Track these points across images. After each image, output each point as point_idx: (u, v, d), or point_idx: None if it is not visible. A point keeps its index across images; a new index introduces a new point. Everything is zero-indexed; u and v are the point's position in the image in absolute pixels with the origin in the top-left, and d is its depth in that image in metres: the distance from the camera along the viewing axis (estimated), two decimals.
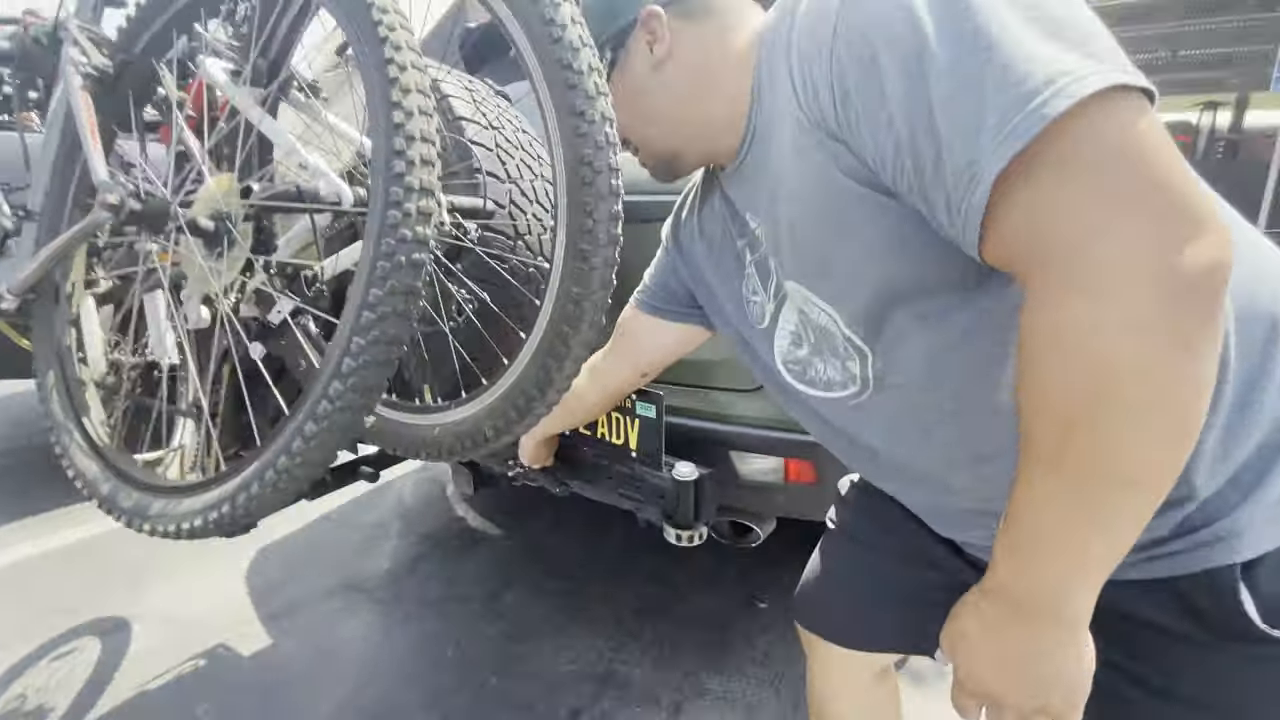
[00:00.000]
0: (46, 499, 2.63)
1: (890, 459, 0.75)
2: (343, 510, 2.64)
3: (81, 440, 0.90)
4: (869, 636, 0.97)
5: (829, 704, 1.05)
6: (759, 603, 2.05)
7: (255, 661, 1.77)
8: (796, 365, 0.76)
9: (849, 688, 1.03)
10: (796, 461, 1.48)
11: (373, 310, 0.65)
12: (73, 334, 0.95)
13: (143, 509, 0.80)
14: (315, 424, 0.68)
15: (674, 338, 0.99)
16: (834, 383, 0.72)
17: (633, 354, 1.04)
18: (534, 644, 1.85)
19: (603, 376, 1.09)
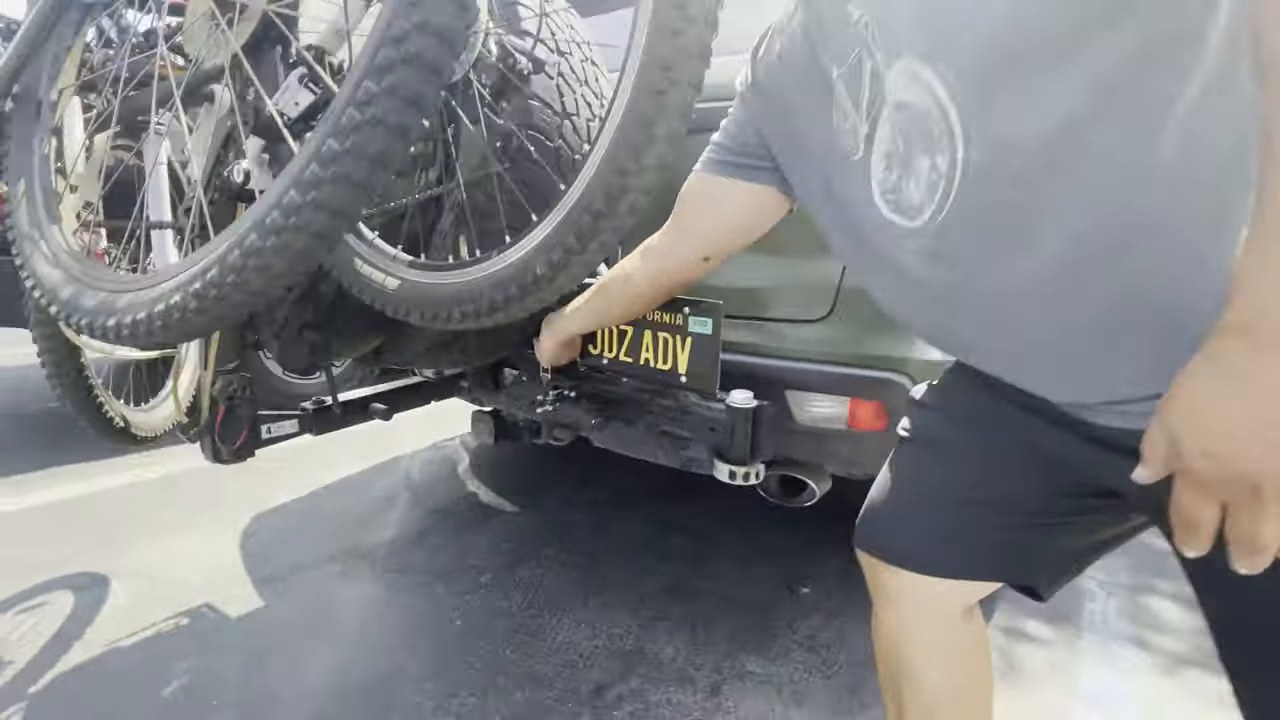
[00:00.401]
0: (33, 462, 2.48)
1: (985, 290, 0.63)
2: (347, 481, 2.47)
3: (47, 249, 0.76)
4: (959, 561, 0.80)
5: (906, 649, 0.86)
6: (800, 588, 1.86)
7: (243, 624, 1.59)
8: (892, 194, 0.65)
9: (930, 628, 0.84)
10: (863, 403, 1.31)
11: (361, 110, 0.51)
12: (52, 143, 0.82)
13: (108, 306, 0.65)
14: (260, 236, 0.53)
15: (744, 207, 0.84)
16: (919, 203, 0.62)
17: (694, 229, 0.88)
18: (551, 618, 1.66)
19: (656, 258, 0.92)
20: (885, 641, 0.88)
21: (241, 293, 0.57)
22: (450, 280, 0.79)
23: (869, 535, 0.87)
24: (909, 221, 0.64)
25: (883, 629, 0.88)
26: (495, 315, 0.75)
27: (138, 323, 0.60)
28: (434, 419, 3.34)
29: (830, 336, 1.31)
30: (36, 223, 0.78)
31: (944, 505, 0.79)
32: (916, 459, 0.84)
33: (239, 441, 1.27)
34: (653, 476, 2.61)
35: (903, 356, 1.28)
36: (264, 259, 0.55)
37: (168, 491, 2.30)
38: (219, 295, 0.55)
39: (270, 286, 0.58)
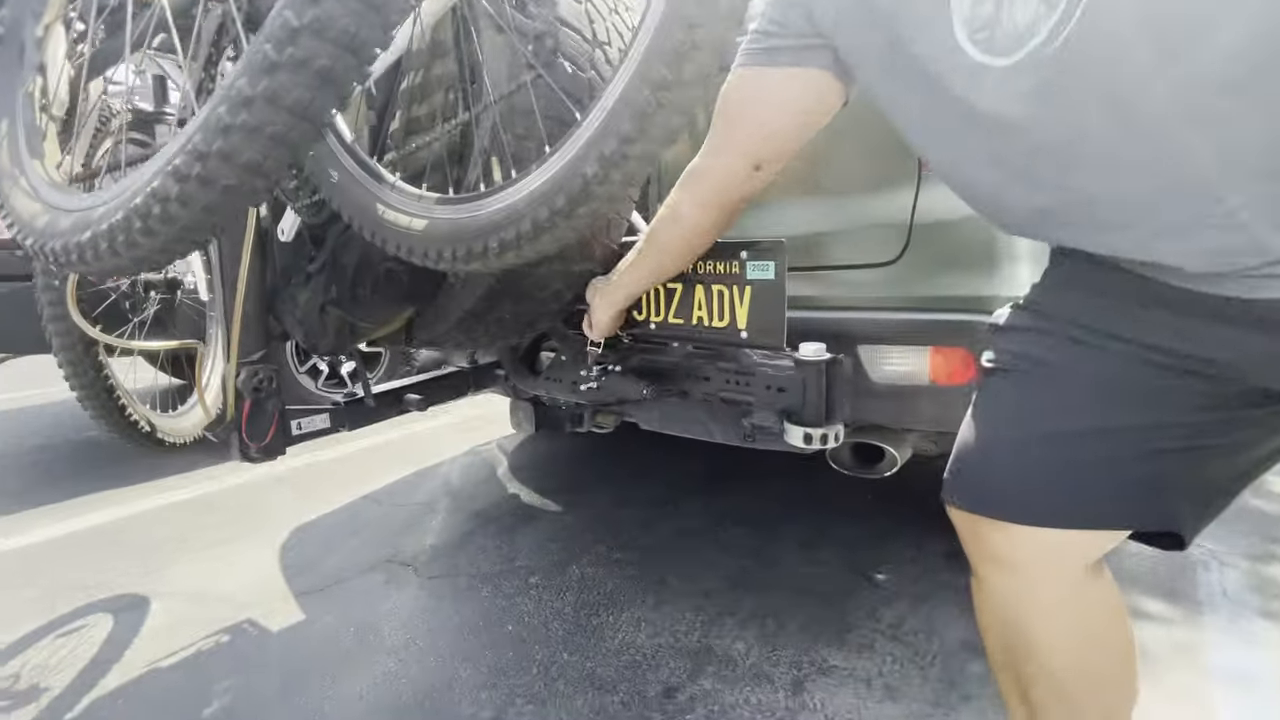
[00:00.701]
0: (77, 488, 2.47)
1: (1126, 118, 0.51)
2: (386, 490, 2.39)
3: (26, 184, 0.68)
4: (1085, 506, 0.65)
5: (1025, 619, 0.70)
6: (876, 575, 1.70)
7: (285, 638, 1.50)
8: (983, 29, 0.56)
9: (1053, 591, 0.69)
10: (946, 351, 1.17)
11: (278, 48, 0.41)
12: (38, 82, 0.74)
13: (83, 223, 0.56)
14: (205, 139, 0.44)
15: (795, 98, 0.72)
16: (1027, 25, 0.52)
17: (740, 135, 0.76)
18: (609, 617, 1.54)
19: (701, 180, 0.80)
20: (997, 614, 0.73)
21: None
22: (484, 208, 0.68)
23: (965, 487, 0.72)
24: (1010, 56, 0.54)
25: (992, 599, 0.73)
26: (540, 239, 0.65)
27: (114, 227, 0.51)
28: (466, 433, 3.28)
29: (903, 280, 1.17)
30: (17, 160, 0.70)
31: (1058, 441, 0.65)
32: (1015, 390, 0.69)
33: (267, 437, 1.18)
34: (700, 468, 2.48)
35: (989, 294, 1.14)
36: (210, 164, 0.46)
37: (206, 510, 2.24)
38: (183, 193, 0.47)
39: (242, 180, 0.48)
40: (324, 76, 0.44)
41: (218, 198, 0.48)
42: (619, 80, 0.56)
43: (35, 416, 3.68)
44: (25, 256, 2.25)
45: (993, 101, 0.57)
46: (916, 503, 2.12)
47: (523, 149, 0.84)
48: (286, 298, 1.22)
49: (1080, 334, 0.64)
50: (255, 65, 0.44)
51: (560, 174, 0.61)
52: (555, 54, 0.79)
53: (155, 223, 0.49)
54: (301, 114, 0.46)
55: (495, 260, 0.69)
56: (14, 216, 0.66)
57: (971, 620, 1.47)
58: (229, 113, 0.45)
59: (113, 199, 0.54)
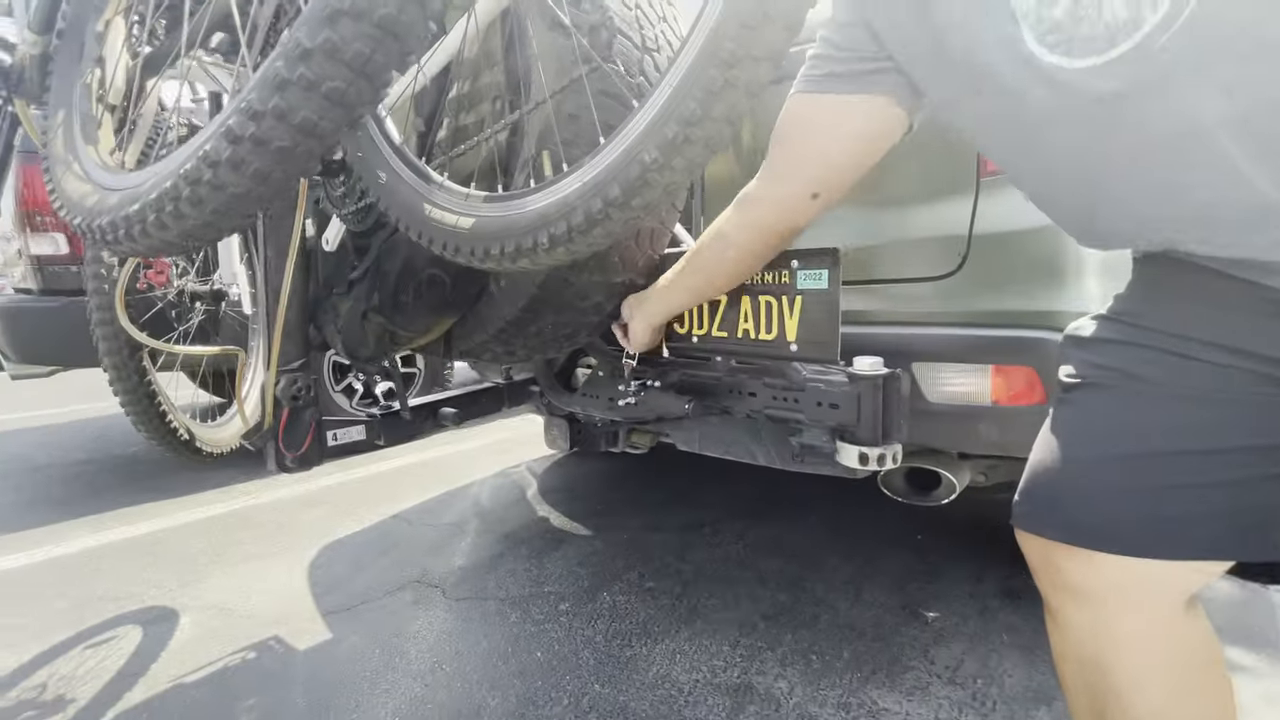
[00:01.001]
0: (117, 500, 2.50)
1: (1251, 104, 0.47)
2: (416, 509, 2.37)
3: (79, 169, 0.68)
4: (1185, 535, 0.58)
5: (1110, 659, 0.62)
6: (927, 613, 1.59)
7: (312, 657, 1.46)
8: (1055, 32, 0.53)
9: (1141, 629, 0.61)
10: (1009, 370, 1.10)
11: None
12: (95, 74, 0.75)
13: (132, 197, 0.55)
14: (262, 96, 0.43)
15: (857, 125, 0.69)
16: (1125, 20, 0.49)
17: (799, 162, 0.73)
18: (642, 648, 1.46)
19: (756, 205, 0.78)
20: (1074, 650, 0.65)
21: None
22: (534, 204, 0.66)
23: (1040, 512, 0.66)
24: (1101, 55, 0.51)
25: (1071, 636, 0.65)
26: (592, 232, 0.62)
27: (163, 195, 0.50)
28: (497, 455, 3.25)
29: (962, 293, 1.12)
30: (71, 146, 0.71)
31: (1156, 462, 0.59)
32: (1104, 407, 0.63)
33: (303, 447, 1.16)
34: (734, 494, 2.41)
35: (1055, 310, 1.07)
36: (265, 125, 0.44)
37: (241, 525, 2.25)
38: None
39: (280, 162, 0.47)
40: (388, 28, 0.42)
41: (270, 161, 0.47)
42: (682, 60, 0.53)
43: (80, 430, 3.79)
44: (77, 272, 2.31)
45: (1081, 103, 0.54)
46: (968, 536, 2.01)
47: (574, 145, 0.82)
48: (328, 307, 1.22)
49: (1182, 346, 0.58)
50: (316, 16, 0.42)
51: (615, 163, 0.58)
52: (610, 47, 0.78)
53: (205, 189, 0.48)
54: (361, 69, 0.44)
55: (545, 256, 0.66)
56: (63, 198, 0.66)
57: (1037, 666, 1.37)
58: (287, 67, 0.44)
59: (162, 169, 0.53)
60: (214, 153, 0.48)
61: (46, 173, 0.72)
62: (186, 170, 0.49)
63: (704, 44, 0.51)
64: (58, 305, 2.39)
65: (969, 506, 1.57)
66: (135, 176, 0.58)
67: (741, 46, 0.50)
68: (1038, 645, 1.44)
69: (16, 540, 2.14)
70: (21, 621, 1.63)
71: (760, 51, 0.51)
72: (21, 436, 3.68)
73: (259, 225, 1.12)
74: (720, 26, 0.50)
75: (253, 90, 0.46)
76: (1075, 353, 0.67)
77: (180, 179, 0.50)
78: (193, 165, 0.49)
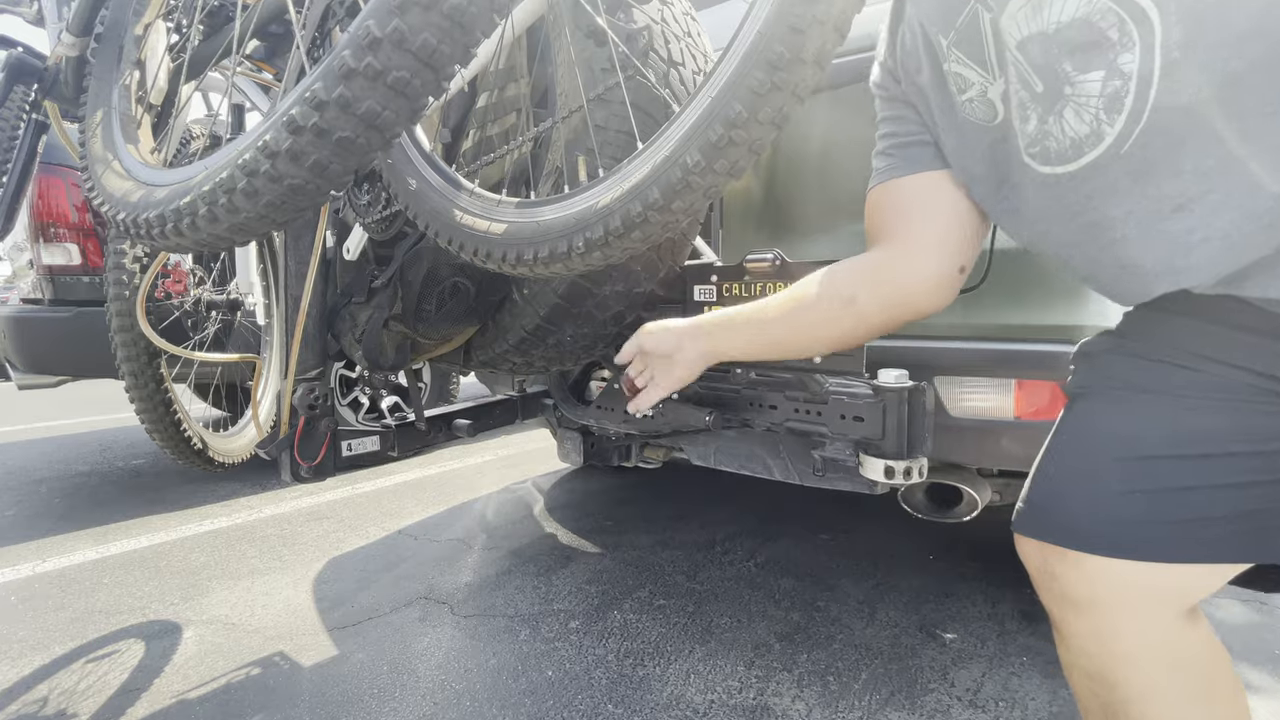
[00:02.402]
0: (120, 513, 2.48)
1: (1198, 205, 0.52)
2: (421, 524, 2.34)
3: (120, 167, 0.68)
4: (1188, 537, 0.58)
5: (1115, 671, 0.61)
6: (944, 634, 1.56)
7: (316, 674, 1.43)
8: (1035, 143, 0.59)
9: (1143, 637, 0.60)
10: (1032, 384, 1.09)
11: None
12: (136, 76, 0.76)
13: (183, 190, 0.54)
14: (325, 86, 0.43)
15: (963, 196, 0.70)
16: (1086, 135, 0.55)
17: (931, 238, 0.70)
18: (655, 668, 1.43)
19: (905, 285, 0.71)
20: (1082, 664, 0.64)
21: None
22: (571, 208, 0.66)
23: (1040, 517, 0.65)
24: (1073, 163, 0.57)
25: (1074, 646, 0.64)
26: (630, 235, 0.61)
27: (217, 186, 0.49)
28: (503, 470, 3.23)
29: (985, 308, 1.11)
30: (110, 145, 0.71)
31: (1157, 465, 0.59)
32: (1106, 413, 0.63)
33: (318, 457, 1.15)
34: (744, 511, 2.38)
35: (1079, 324, 1.07)
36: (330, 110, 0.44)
37: (244, 539, 2.22)
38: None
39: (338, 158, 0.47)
40: (456, 18, 0.42)
41: (330, 153, 0.46)
42: (727, 62, 0.53)
43: (83, 442, 3.77)
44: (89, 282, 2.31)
45: (1064, 201, 0.59)
46: (981, 556, 1.98)
47: (602, 153, 0.82)
48: (345, 316, 1.21)
49: (1187, 360, 0.59)
50: (386, 5, 0.42)
51: (657, 165, 0.58)
52: (646, 56, 0.78)
53: (261, 181, 0.48)
54: (427, 59, 0.44)
55: (579, 261, 0.65)
56: (104, 195, 0.66)
57: (1058, 690, 1.34)
58: (354, 56, 0.44)
59: (219, 159, 0.53)
60: (273, 143, 0.47)
61: (85, 171, 0.72)
62: (244, 161, 0.49)
63: (750, 46, 0.51)
64: (68, 315, 2.39)
65: (981, 526, 1.55)
66: (185, 171, 0.58)
67: (790, 49, 0.50)
68: (1059, 668, 1.41)
69: (19, 552, 2.11)
70: (23, 634, 1.60)
71: (808, 55, 0.51)
72: (25, 448, 3.66)
73: (278, 235, 1.12)
74: (768, 29, 0.50)
75: (317, 80, 0.46)
76: (1081, 365, 0.69)
77: (237, 169, 0.49)
78: (250, 156, 0.49)
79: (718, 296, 1.16)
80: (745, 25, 0.52)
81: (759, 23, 0.51)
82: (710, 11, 1.40)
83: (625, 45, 0.77)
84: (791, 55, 0.50)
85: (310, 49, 0.64)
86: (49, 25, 1.21)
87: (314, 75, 0.46)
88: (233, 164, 0.50)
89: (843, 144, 1.26)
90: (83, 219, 2.39)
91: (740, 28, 0.52)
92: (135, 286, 1.34)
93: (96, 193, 0.68)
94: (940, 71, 0.64)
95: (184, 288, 1.60)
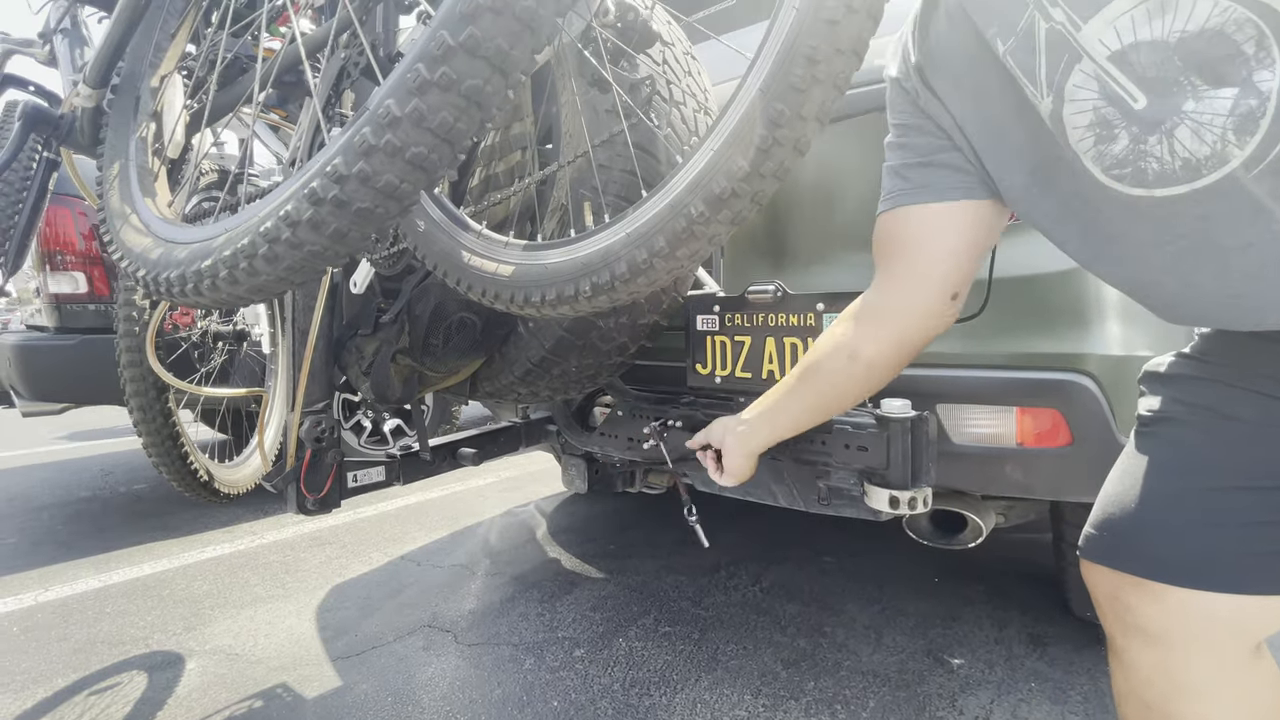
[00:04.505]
0: (120, 540, 2.47)
1: None
2: (424, 550, 2.33)
3: (138, 221, 0.70)
4: (1264, 575, 0.57)
5: (1181, 703, 0.61)
6: (951, 660, 1.55)
7: (321, 705, 1.42)
8: (1122, 165, 0.54)
9: (1215, 670, 0.60)
10: (1035, 412, 1.10)
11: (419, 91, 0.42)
12: (152, 128, 0.78)
13: (203, 252, 0.56)
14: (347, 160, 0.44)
15: (969, 227, 0.68)
16: (1206, 157, 0.49)
17: (926, 269, 0.70)
18: (661, 697, 1.42)
19: (892, 318, 0.73)
20: (1141, 694, 0.63)
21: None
22: (577, 252, 0.67)
23: (1116, 546, 0.64)
24: (1186, 185, 0.51)
25: (1137, 677, 0.64)
26: (635, 281, 0.63)
27: (239, 250, 0.51)
28: (505, 493, 3.22)
29: (985, 336, 1.12)
30: (128, 198, 0.73)
31: (1247, 497, 0.58)
32: (1190, 441, 0.62)
33: (324, 489, 1.15)
34: (748, 536, 2.37)
35: (1080, 353, 1.08)
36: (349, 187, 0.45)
37: (246, 566, 2.21)
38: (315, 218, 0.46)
39: (356, 228, 0.48)
40: (473, 97, 0.44)
41: (349, 222, 0.48)
42: (730, 116, 0.55)
43: (85, 467, 3.76)
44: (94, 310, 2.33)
45: (1160, 223, 0.54)
46: (986, 579, 1.97)
47: (606, 192, 0.84)
48: (351, 348, 1.23)
49: (1274, 388, 0.58)
50: (405, 86, 0.44)
51: (661, 214, 0.59)
52: (650, 103, 0.81)
53: (282, 247, 0.49)
54: (445, 135, 0.45)
55: (586, 304, 0.67)
56: (124, 251, 0.68)
57: (1068, 717, 1.33)
58: (374, 133, 0.45)
59: (238, 224, 0.55)
60: (295, 213, 0.49)
61: (103, 224, 0.74)
62: (265, 229, 0.50)
63: (751, 104, 0.53)
64: (73, 343, 2.40)
65: (986, 548, 1.55)
66: (204, 230, 0.60)
67: (790, 107, 0.52)
68: (1067, 694, 1.41)
69: (21, 581, 2.10)
70: (26, 665, 1.59)
71: (809, 113, 0.53)
72: (26, 474, 3.66)
73: None
74: (770, 86, 0.52)
75: (337, 155, 0.47)
76: (1157, 388, 0.67)
77: (258, 236, 0.51)
78: (272, 224, 0.50)
79: (720, 326, 1.17)
80: (748, 81, 0.54)
81: (760, 79, 0.53)
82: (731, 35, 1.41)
83: (629, 95, 0.79)
84: (793, 112, 0.51)
85: (325, 106, 0.66)
86: (61, 66, 1.24)
87: (335, 149, 0.48)
88: (253, 230, 0.52)
89: (843, 174, 1.28)
90: (89, 248, 2.41)
91: (742, 83, 0.54)
92: (145, 323, 1.36)
93: (117, 248, 0.69)
94: (1002, 72, 0.58)
95: (191, 319, 1.62)
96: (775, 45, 0.52)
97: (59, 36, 1.21)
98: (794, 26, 0.50)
